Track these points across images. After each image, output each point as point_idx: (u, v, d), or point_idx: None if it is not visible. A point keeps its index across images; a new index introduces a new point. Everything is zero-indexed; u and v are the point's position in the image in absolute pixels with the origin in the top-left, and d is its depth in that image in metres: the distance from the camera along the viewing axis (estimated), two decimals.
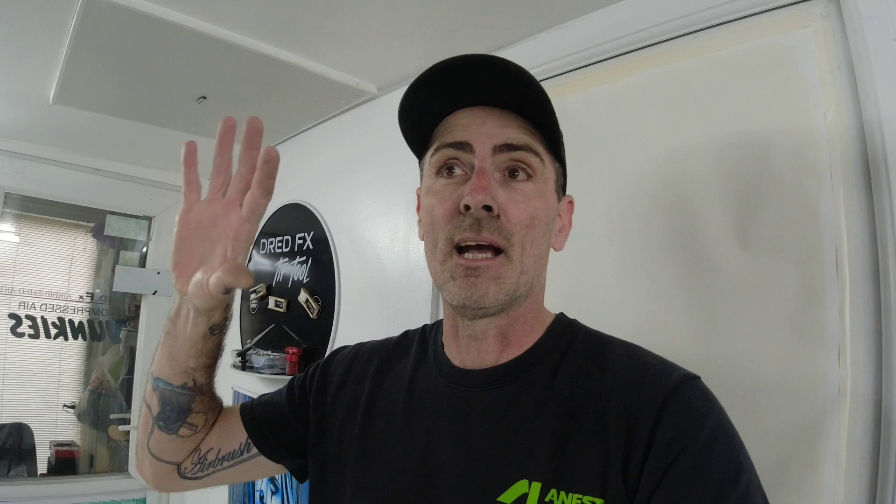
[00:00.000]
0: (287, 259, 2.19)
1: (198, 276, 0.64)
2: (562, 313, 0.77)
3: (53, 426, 2.92)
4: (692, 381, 0.63)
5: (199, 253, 0.67)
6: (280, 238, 2.26)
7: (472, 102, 0.69)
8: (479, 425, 0.68)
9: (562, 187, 0.76)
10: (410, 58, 1.60)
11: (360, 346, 0.91)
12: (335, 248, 1.95)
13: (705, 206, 1.05)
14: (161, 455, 0.83)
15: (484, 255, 0.65)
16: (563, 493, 0.59)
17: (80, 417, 2.91)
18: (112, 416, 2.85)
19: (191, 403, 0.80)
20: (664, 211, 1.11)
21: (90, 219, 2.95)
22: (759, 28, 1.03)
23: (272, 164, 0.62)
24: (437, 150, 0.70)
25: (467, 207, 0.64)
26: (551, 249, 0.74)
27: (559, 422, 0.64)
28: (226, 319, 0.75)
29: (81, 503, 2.60)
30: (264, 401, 0.90)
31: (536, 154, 0.67)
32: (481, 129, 0.67)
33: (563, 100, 1.26)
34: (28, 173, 2.56)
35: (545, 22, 1.38)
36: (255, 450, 0.86)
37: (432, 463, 0.68)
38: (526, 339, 0.72)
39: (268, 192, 0.64)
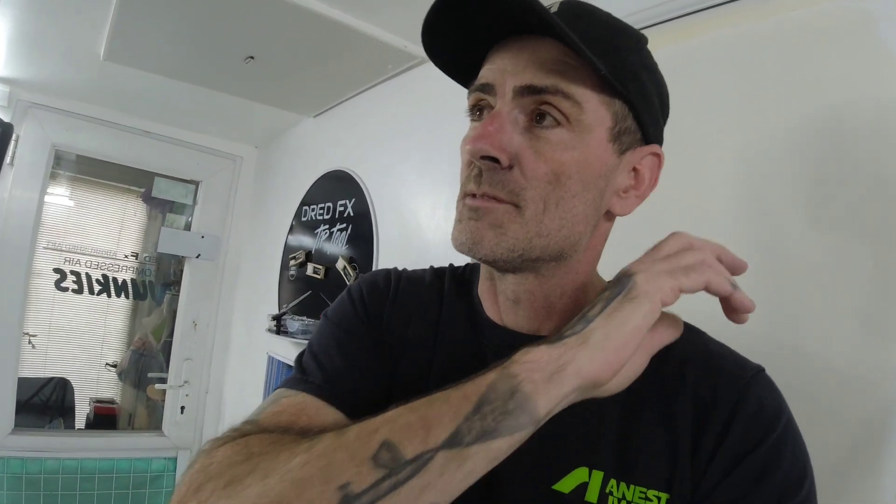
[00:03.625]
0: (327, 226, 2.18)
1: None
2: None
3: (95, 383, 3.02)
4: (761, 373, 0.58)
5: None
6: (322, 205, 2.25)
7: (515, 31, 0.57)
8: None
9: (632, 134, 0.60)
10: None
11: (398, 274, 0.75)
12: (375, 216, 1.93)
13: (774, 180, 0.98)
14: None
15: (486, 199, 0.56)
16: (623, 485, 0.54)
17: (121, 376, 3.00)
18: (150, 375, 2.92)
19: None
20: (729, 183, 1.04)
21: (141, 183, 3.01)
22: None
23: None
24: (470, 91, 0.61)
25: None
26: (614, 214, 0.63)
27: (623, 407, 0.57)
28: None
29: (114, 457, 2.67)
30: (366, 381, 0.66)
31: (568, 97, 0.54)
32: (510, 65, 0.56)
33: None
34: (79, 132, 2.62)
35: None
36: None
37: None
38: (570, 312, 0.62)
39: None
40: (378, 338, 0.68)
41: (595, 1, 0.64)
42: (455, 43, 0.59)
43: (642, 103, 0.59)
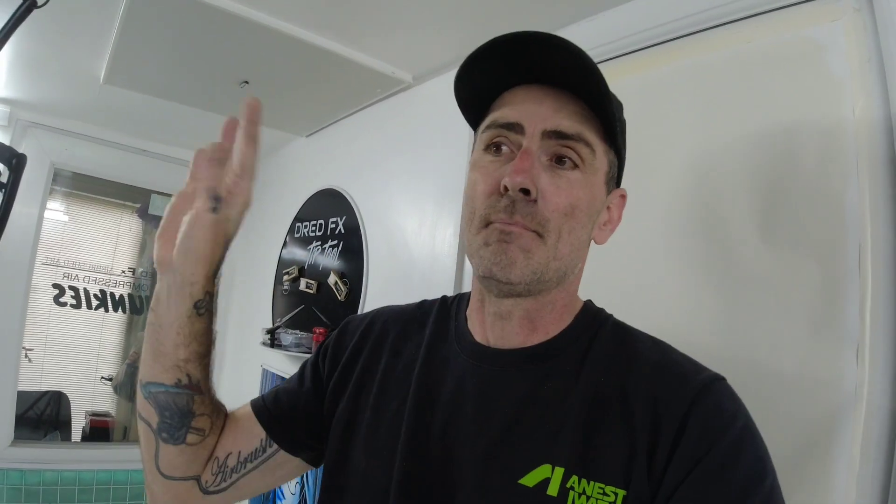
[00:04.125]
0: (320, 242, 2.24)
1: (186, 219, 0.64)
2: (590, 301, 0.76)
3: (90, 396, 3.06)
4: (721, 381, 0.62)
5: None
6: (314, 222, 2.31)
7: (531, 80, 0.67)
8: (503, 405, 0.66)
9: (614, 179, 0.72)
10: (445, 47, 1.63)
11: (376, 313, 0.88)
12: (365, 233, 1.99)
13: (728, 199, 1.05)
14: (174, 472, 0.76)
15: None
16: (584, 481, 0.58)
17: (116, 389, 3.03)
18: None
19: (191, 404, 0.73)
20: (687, 203, 1.11)
21: (136, 199, 3.06)
22: (790, 21, 1.02)
23: (254, 111, 0.65)
24: (488, 127, 0.68)
25: (506, 188, 0.62)
26: (592, 242, 0.72)
27: (585, 409, 0.62)
28: (209, 295, 0.69)
29: (112, 469, 2.71)
30: (276, 392, 0.86)
31: (587, 144, 0.65)
32: (535, 109, 0.65)
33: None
34: (77, 151, 2.69)
35: (572, 14, 1.38)
36: (275, 445, 0.81)
37: (449, 441, 0.67)
38: (553, 326, 0.71)
39: (252, 138, 0.65)
40: (332, 373, 0.83)
41: (567, 32, 0.73)
42: (485, 80, 0.68)
43: (624, 155, 0.73)
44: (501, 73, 0.67)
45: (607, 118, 0.65)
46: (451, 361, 0.74)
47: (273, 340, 2.13)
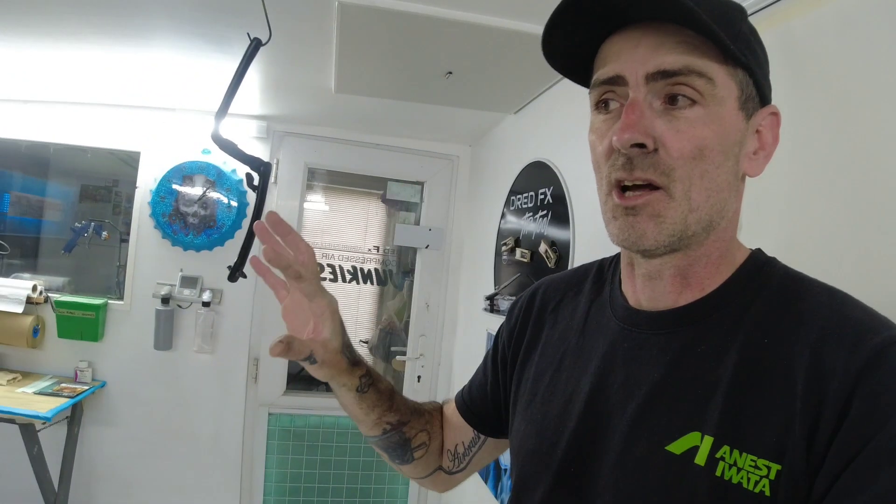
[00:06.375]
0: (531, 213, 2.35)
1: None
2: (758, 250, 0.68)
3: None
4: None
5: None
6: (526, 194, 2.42)
7: (627, 22, 0.60)
8: (650, 370, 0.64)
9: (754, 99, 0.62)
10: None
11: (537, 285, 0.90)
12: (571, 202, 2.04)
13: None
14: (421, 475, 0.96)
15: (639, 193, 0.59)
16: (735, 452, 0.54)
17: (371, 351, 3.52)
18: (394, 350, 3.42)
19: (403, 436, 0.89)
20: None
21: (378, 187, 3.50)
22: None
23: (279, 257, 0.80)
24: (593, 86, 0.64)
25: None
26: (746, 176, 0.65)
27: (740, 374, 0.57)
28: (363, 378, 0.84)
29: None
30: (470, 386, 0.98)
31: (701, 75, 0.57)
32: (632, 54, 0.59)
33: (788, 25, 1.13)
34: (324, 151, 3.21)
35: None
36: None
37: (599, 406, 0.67)
38: (709, 280, 0.65)
39: (296, 276, 0.79)
40: (505, 354, 0.89)
41: None
42: (572, 42, 0.64)
43: (758, 69, 0.62)
44: (589, 28, 0.62)
45: (718, 39, 0.55)
46: (605, 327, 0.73)
47: (492, 306, 2.31)
